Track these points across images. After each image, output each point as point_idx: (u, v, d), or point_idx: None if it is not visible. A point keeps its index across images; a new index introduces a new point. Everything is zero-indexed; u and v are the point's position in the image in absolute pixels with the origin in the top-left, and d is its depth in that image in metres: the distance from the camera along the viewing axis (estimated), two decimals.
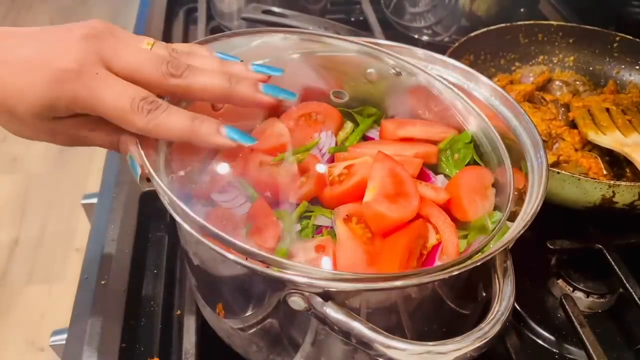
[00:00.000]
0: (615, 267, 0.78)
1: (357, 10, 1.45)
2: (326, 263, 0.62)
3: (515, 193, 0.64)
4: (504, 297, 0.53)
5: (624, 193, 0.76)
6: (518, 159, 0.65)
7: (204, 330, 0.71)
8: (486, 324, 0.50)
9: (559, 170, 0.77)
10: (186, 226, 0.53)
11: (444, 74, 0.75)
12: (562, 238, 0.82)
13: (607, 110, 0.95)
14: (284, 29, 0.76)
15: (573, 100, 0.99)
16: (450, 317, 0.61)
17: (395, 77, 0.77)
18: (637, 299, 0.74)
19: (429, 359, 0.48)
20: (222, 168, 0.73)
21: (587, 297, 0.79)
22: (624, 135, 0.89)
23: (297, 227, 0.66)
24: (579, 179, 0.76)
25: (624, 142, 0.88)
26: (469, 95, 0.71)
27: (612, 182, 0.75)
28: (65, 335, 0.71)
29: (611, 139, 0.88)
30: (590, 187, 0.76)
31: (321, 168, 0.71)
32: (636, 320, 0.78)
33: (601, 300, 0.79)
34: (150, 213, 0.88)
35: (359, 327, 0.49)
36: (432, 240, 0.64)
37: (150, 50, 0.57)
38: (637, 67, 1.07)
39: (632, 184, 0.75)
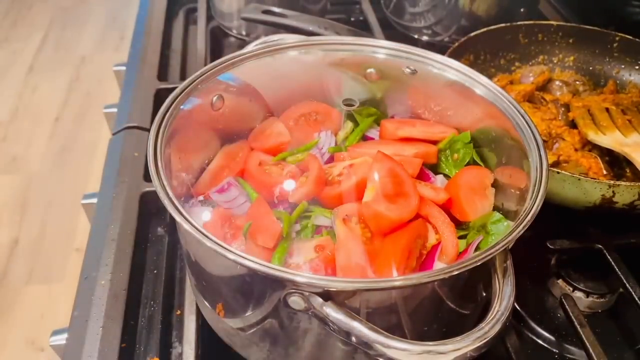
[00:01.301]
0: (615, 267, 0.78)
1: (357, 10, 1.45)
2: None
3: (517, 193, 0.64)
4: (504, 297, 0.53)
5: (624, 193, 0.76)
6: (518, 159, 0.65)
7: (204, 330, 0.72)
8: (486, 324, 0.50)
9: (559, 170, 0.77)
10: (186, 226, 0.53)
11: (444, 74, 0.74)
12: (562, 238, 0.82)
13: (607, 110, 0.95)
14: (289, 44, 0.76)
15: (573, 100, 0.99)
16: (450, 317, 0.61)
17: (398, 76, 0.77)
18: (637, 298, 0.74)
19: (429, 359, 0.48)
20: (222, 168, 0.73)
21: (587, 297, 0.79)
22: (623, 135, 0.89)
23: (297, 227, 0.66)
24: (579, 179, 0.76)
25: (624, 142, 0.87)
26: (469, 94, 0.71)
27: (612, 182, 0.75)
28: (65, 335, 0.71)
29: (611, 139, 0.88)
30: (590, 187, 0.76)
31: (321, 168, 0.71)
32: (636, 320, 0.78)
33: (601, 300, 0.79)
34: (150, 213, 0.88)
35: (359, 327, 0.49)
36: (432, 240, 0.64)
37: None
38: (637, 67, 1.07)
39: (632, 184, 0.75)
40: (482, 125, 0.73)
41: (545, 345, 0.76)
